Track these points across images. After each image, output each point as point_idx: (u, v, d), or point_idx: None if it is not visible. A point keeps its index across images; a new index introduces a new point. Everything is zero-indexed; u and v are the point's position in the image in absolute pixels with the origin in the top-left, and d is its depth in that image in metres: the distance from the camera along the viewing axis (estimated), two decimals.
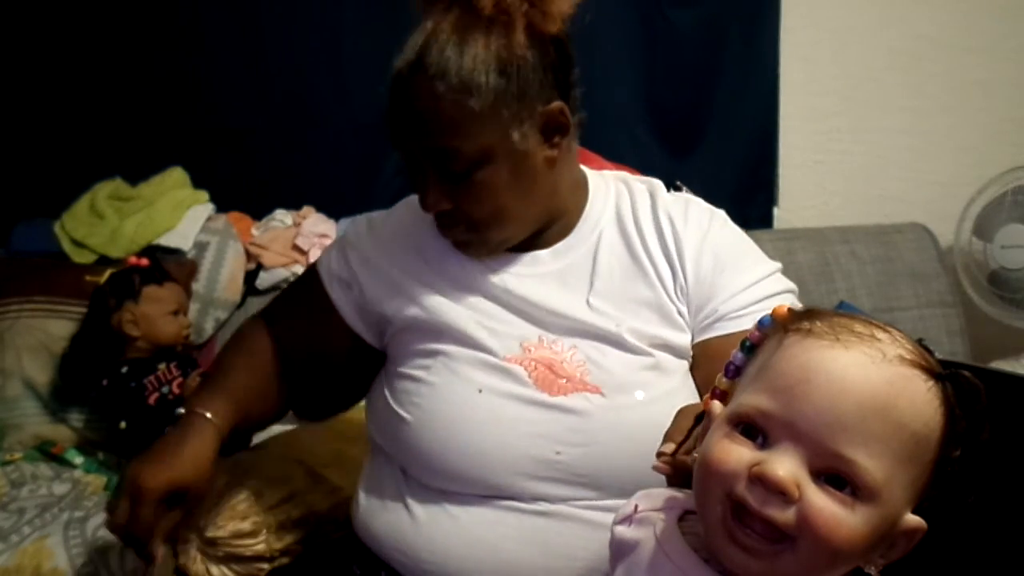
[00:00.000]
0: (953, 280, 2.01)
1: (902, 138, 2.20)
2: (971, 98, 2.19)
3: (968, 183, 2.05)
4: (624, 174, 1.11)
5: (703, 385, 0.96)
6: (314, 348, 1.10)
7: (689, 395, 0.95)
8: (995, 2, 2.17)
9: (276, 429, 1.26)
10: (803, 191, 2.19)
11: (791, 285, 1.01)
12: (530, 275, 1.01)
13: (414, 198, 1.11)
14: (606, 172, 1.11)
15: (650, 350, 0.95)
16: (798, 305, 0.98)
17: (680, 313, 0.98)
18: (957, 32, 2.16)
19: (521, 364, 0.95)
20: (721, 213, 1.05)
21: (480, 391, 0.94)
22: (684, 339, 0.97)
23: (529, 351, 0.96)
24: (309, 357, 1.11)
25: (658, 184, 1.07)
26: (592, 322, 0.96)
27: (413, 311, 1.00)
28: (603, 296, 0.98)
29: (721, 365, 0.93)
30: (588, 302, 0.98)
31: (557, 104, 0.95)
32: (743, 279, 0.97)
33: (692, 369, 0.98)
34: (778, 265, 1.01)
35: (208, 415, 1.02)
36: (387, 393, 1.01)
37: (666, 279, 0.98)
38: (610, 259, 1.00)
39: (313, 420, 1.24)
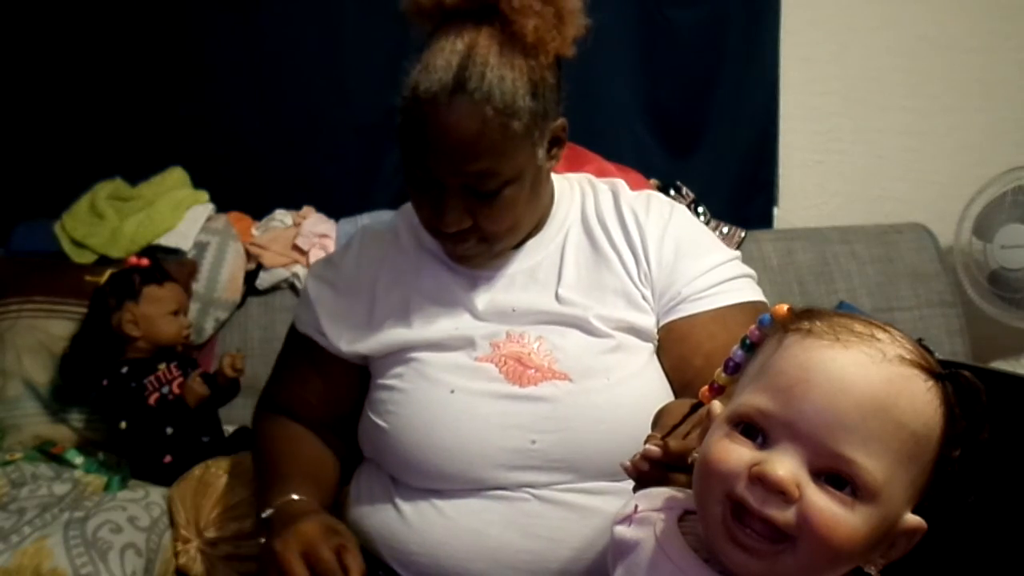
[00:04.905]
0: (953, 280, 2.01)
1: (902, 138, 2.20)
2: (971, 98, 2.19)
3: (968, 183, 2.05)
4: (589, 176, 1.14)
5: (671, 367, 1.00)
6: (331, 399, 1.10)
7: (654, 376, 0.99)
8: (995, 2, 2.17)
9: None
10: (803, 191, 2.19)
11: (749, 271, 1.05)
12: (501, 276, 1.04)
13: (373, 224, 1.16)
14: (571, 175, 1.15)
15: (613, 333, 0.98)
16: (757, 290, 1.02)
17: (644, 297, 1.01)
18: (957, 32, 2.16)
19: (492, 361, 0.97)
20: (681, 206, 1.10)
21: (452, 391, 0.96)
22: (649, 321, 1.00)
23: (498, 347, 0.99)
24: (327, 412, 1.11)
25: (621, 183, 1.11)
26: (560, 311, 1.00)
27: (385, 341, 1.02)
28: (571, 287, 1.02)
29: (686, 346, 0.98)
30: (557, 295, 1.02)
31: (562, 121, 0.99)
32: (703, 263, 1.01)
33: (659, 352, 1.01)
34: (736, 253, 1.05)
35: (295, 497, 1.00)
36: (366, 405, 1.04)
37: (630, 266, 1.02)
38: (576, 254, 1.04)
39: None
